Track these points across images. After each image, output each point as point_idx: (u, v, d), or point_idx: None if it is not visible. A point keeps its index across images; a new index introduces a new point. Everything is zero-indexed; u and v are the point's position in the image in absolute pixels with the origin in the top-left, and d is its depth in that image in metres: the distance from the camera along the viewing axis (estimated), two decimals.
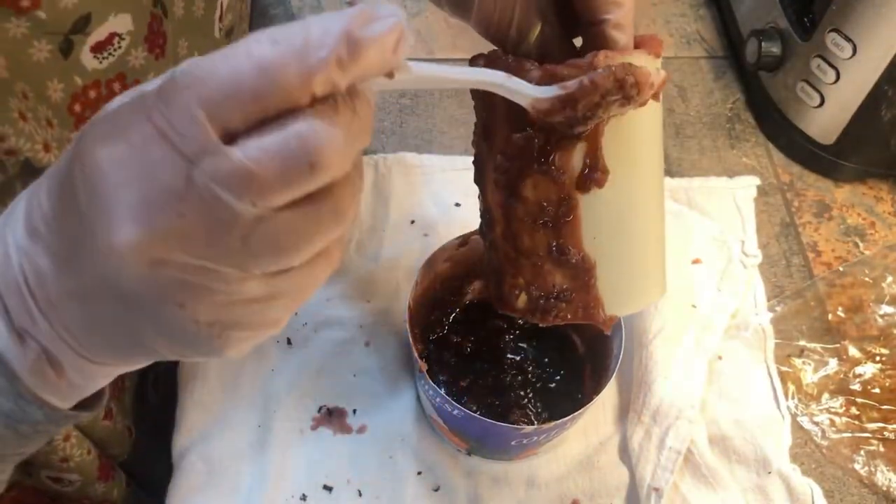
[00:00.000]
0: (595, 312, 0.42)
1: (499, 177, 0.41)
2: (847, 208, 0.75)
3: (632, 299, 0.43)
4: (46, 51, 0.39)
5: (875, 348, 0.66)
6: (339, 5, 0.86)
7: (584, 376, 0.60)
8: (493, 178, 0.42)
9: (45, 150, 0.39)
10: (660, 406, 0.58)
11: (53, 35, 0.39)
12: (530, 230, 0.41)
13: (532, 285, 0.42)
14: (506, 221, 0.42)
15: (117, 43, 0.43)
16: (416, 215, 0.69)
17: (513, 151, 0.40)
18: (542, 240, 0.41)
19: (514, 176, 0.40)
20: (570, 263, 0.41)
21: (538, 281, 0.42)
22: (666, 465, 0.57)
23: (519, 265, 0.42)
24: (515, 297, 0.43)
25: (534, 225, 0.41)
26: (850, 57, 0.68)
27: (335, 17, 0.25)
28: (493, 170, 0.41)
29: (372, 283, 0.65)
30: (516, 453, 0.57)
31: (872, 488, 0.60)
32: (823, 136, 0.75)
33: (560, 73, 0.37)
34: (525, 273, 0.42)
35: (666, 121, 0.80)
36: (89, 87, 0.43)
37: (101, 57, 0.42)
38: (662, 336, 0.61)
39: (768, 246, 0.72)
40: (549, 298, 0.42)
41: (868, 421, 0.62)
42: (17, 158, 0.38)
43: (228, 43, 0.62)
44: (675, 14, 0.89)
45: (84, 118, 0.44)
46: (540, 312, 0.42)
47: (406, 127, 0.77)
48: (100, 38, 0.41)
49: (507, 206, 0.41)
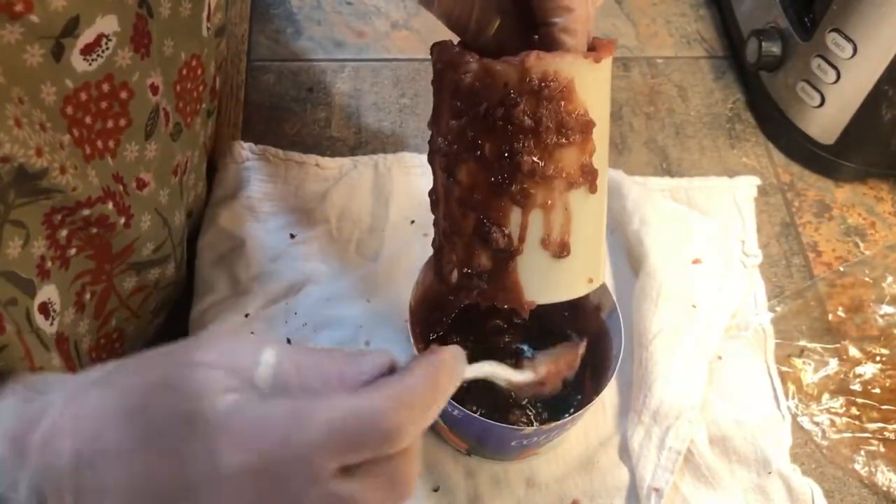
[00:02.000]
0: (514, 296, 0.45)
1: (440, 158, 0.44)
2: (847, 208, 0.75)
3: (556, 289, 0.45)
4: (39, 55, 0.39)
5: (875, 348, 0.66)
6: (339, 6, 0.86)
7: (584, 377, 0.59)
8: (437, 159, 0.45)
9: (38, 154, 0.40)
10: (660, 406, 0.58)
11: (45, 39, 0.39)
12: (463, 212, 0.44)
13: (463, 263, 0.45)
14: (446, 201, 0.45)
15: (105, 44, 0.43)
16: (416, 215, 0.69)
17: (451, 137, 0.43)
18: (471, 222, 0.43)
19: (453, 160, 0.43)
20: (495, 246, 0.43)
21: (467, 259, 0.44)
22: (666, 465, 0.57)
23: (453, 243, 0.45)
24: (449, 273, 0.46)
25: (466, 207, 0.43)
26: (850, 57, 0.68)
27: (431, 377, 0.35)
28: (436, 151, 0.44)
29: (372, 283, 0.65)
30: (516, 453, 0.57)
31: (873, 488, 0.60)
32: (824, 136, 0.75)
33: (494, 67, 0.40)
34: (458, 250, 0.45)
35: (666, 121, 0.80)
36: (80, 89, 0.43)
37: (90, 59, 0.43)
38: (662, 336, 0.61)
39: (768, 246, 0.71)
40: (473, 277, 0.45)
41: (868, 421, 0.62)
42: (12, 165, 0.38)
43: (217, 43, 0.63)
44: (675, 14, 0.89)
45: (76, 120, 0.44)
46: (465, 290, 0.45)
47: (406, 127, 0.77)
48: (88, 40, 0.42)
49: (447, 187, 0.44)
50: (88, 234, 0.48)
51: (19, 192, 0.40)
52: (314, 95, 0.79)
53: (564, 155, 0.42)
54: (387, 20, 0.86)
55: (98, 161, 0.47)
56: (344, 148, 0.75)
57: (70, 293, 0.49)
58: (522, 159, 0.41)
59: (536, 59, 0.40)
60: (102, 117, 0.46)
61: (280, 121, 0.76)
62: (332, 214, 0.69)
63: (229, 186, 0.69)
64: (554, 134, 0.41)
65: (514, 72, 0.40)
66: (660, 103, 0.81)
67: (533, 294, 0.45)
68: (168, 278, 0.59)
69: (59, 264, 0.47)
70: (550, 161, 0.41)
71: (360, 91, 0.79)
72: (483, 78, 0.41)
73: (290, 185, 0.70)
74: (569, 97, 0.41)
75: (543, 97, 0.40)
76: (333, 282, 0.65)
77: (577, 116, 0.41)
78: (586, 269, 0.45)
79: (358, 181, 0.71)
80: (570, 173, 0.42)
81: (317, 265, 0.66)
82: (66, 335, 0.49)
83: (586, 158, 0.42)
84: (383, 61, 0.82)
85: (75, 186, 0.43)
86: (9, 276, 0.42)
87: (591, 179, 0.43)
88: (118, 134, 0.48)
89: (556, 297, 0.45)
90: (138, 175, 0.52)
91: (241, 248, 0.66)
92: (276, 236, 0.67)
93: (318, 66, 0.81)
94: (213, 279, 0.64)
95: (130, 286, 0.56)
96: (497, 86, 0.41)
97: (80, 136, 0.45)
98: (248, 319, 0.62)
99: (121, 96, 0.47)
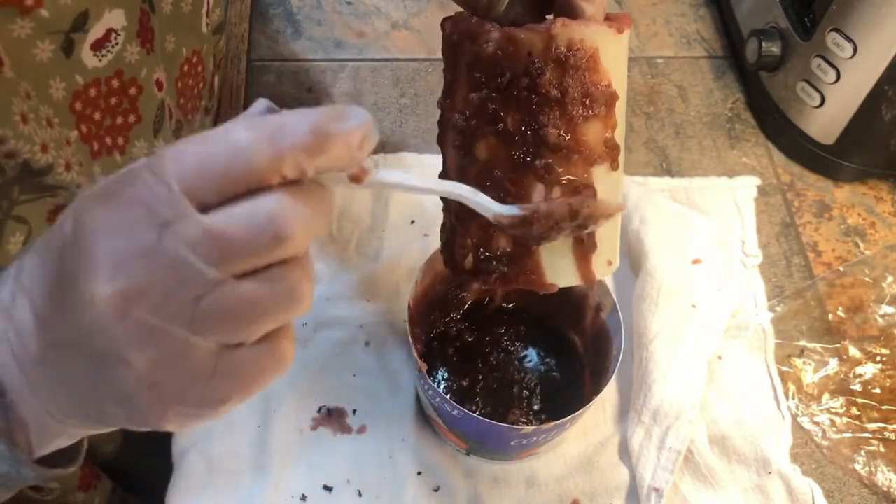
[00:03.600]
0: (535, 279, 0.43)
1: (456, 136, 0.42)
2: (847, 208, 0.75)
3: (576, 272, 0.43)
4: (49, 51, 0.39)
5: (875, 348, 0.66)
6: (339, 6, 0.86)
7: (584, 377, 0.60)
8: (451, 137, 0.43)
9: (43, 150, 0.40)
10: (660, 406, 0.58)
11: (55, 34, 0.39)
12: (481, 190, 0.41)
13: (479, 246, 0.43)
14: (460, 180, 0.42)
15: (114, 39, 0.43)
16: (416, 215, 0.69)
17: (470, 111, 0.41)
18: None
19: (470, 135, 0.41)
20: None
21: (485, 242, 0.42)
22: (666, 465, 0.57)
23: (468, 226, 0.43)
24: (462, 258, 0.44)
25: (484, 186, 0.41)
26: (850, 57, 0.68)
27: (309, 112, 0.28)
28: (451, 128, 0.42)
29: (372, 283, 0.65)
30: (516, 453, 0.57)
31: (873, 488, 0.60)
32: (823, 136, 0.75)
33: (518, 35, 0.39)
34: (473, 234, 0.43)
35: (666, 121, 0.80)
36: (90, 84, 0.43)
37: (99, 55, 0.43)
38: (662, 336, 0.61)
39: (768, 246, 0.71)
40: (492, 261, 0.43)
41: (868, 421, 0.62)
42: (17, 160, 0.38)
43: (216, 40, 0.63)
44: (675, 14, 0.89)
45: (85, 116, 0.44)
46: (483, 274, 0.43)
47: (406, 127, 0.77)
48: (98, 35, 0.42)
49: (462, 166, 0.42)
50: None
51: (24, 188, 0.40)
52: (314, 95, 0.79)
53: (589, 128, 0.40)
54: (387, 20, 0.86)
55: (105, 158, 0.47)
56: None
57: None
58: (548, 132, 0.39)
59: (563, 26, 0.38)
60: (112, 113, 0.46)
61: None
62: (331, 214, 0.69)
63: None
64: (580, 105, 0.39)
65: (539, 40, 0.38)
66: (660, 103, 0.81)
67: (554, 276, 0.43)
68: None
69: None
70: (575, 134, 0.40)
71: (360, 91, 0.79)
72: (506, 47, 0.39)
73: None
74: (594, 67, 0.39)
75: (570, 66, 0.39)
76: (333, 282, 0.65)
77: (602, 88, 0.40)
78: (607, 251, 0.44)
79: None
80: (594, 148, 0.41)
81: (317, 265, 0.66)
82: None
83: (609, 133, 0.41)
84: (383, 61, 0.82)
85: (80, 183, 0.43)
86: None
87: (614, 155, 0.42)
88: (127, 130, 0.48)
89: (578, 279, 0.43)
90: None
91: None
92: None
93: (318, 66, 0.81)
94: None
95: None
96: (520, 55, 0.39)
97: (89, 132, 0.45)
98: None
99: (130, 92, 0.47)
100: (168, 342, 0.27)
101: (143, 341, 0.27)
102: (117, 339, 0.27)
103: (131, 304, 0.27)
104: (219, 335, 0.28)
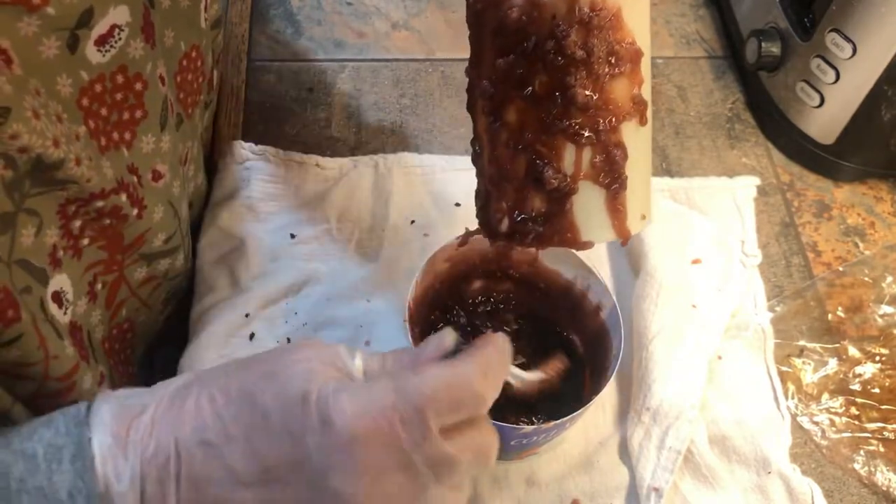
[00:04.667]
0: (571, 237, 0.43)
1: (485, 102, 0.43)
2: (847, 208, 0.75)
3: (612, 227, 0.44)
4: (55, 47, 0.40)
5: (875, 348, 0.66)
6: (339, 6, 0.86)
7: (584, 376, 0.60)
8: (480, 104, 0.43)
9: (55, 145, 0.40)
10: (660, 406, 0.58)
11: (61, 31, 0.39)
12: (513, 154, 0.43)
13: (514, 209, 0.44)
14: (491, 146, 0.44)
15: (118, 35, 0.43)
16: (416, 215, 0.69)
17: (497, 77, 0.42)
18: (522, 163, 0.42)
19: (499, 101, 0.42)
20: (549, 188, 0.42)
21: (519, 204, 0.43)
22: (666, 465, 0.57)
23: (503, 189, 0.44)
24: (498, 221, 0.45)
25: (516, 149, 0.42)
26: (849, 57, 0.68)
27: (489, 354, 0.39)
28: (480, 95, 0.43)
29: (372, 283, 0.65)
30: (516, 453, 0.57)
31: (872, 488, 0.60)
32: (823, 136, 0.75)
33: (541, 0, 0.39)
34: (507, 196, 0.44)
35: (666, 121, 0.80)
36: (95, 80, 0.43)
37: (103, 50, 0.43)
38: (662, 336, 0.61)
39: (768, 246, 0.72)
40: (528, 222, 0.43)
41: (868, 421, 0.62)
42: (30, 155, 0.39)
43: (214, 35, 0.63)
44: (675, 14, 0.89)
45: (92, 111, 0.44)
46: (519, 235, 0.44)
47: (406, 127, 0.77)
48: (102, 31, 0.42)
49: (492, 131, 0.43)
50: (101, 225, 0.48)
51: (35, 181, 0.41)
52: (314, 95, 0.79)
53: (616, 86, 0.41)
54: (387, 20, 0.86)
55: (113, 152, 0.47)
56: (344, 148, 0.75)
57: (82, 283, 0.50)
58: (576, 92, 0.40)
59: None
60: (118, 109, 0.46)
61: (280, 121, 0.76)
62: (332, 214, 0.69)
63: (230, 186, 0.69)
64: (605, 64, 0.40)
65: (562, 2, 0.39)
66: (659, 103, 0.81)
67: (590, 234, 0.43)
68: (177, 269, 0.60)
69: (72, 254, 0.48)
70: (603, 93, 0.40)
71: (360, 91, 0.80)
72: (530, 12, 0.40)
73: (290, 186, 0.70)
74: (618, 25, 0.40)
75: (594, 26, 0.39)
76: (333, 282, 0.65)
77: (627, 45, 0.40)
78: (640, 205, 0.44)
79: (358, 181, 0.71)
80: (622, 105, 0.41)
81: (317, 265, 0.66)
82: (79, 324, 0.50)
83: (636, 89, 0.42)
84: (383, 61, 0.82)
85: (90, 178, 0.44)
86: (23, 264, 0.42)
87: (642, 111, 0.42)
88: (134, 125, 0.48)
89: (613, 234, 0.44)
90: (154, 167, 0.52)
91: (242, 248, 0.66)
92: (276, 236, 0.67)
93: (319, 66, 0.81)
94: (214, 279, 0.64)
95: (141, 276, 0.56)
96: (545, 18, 0.40)
97: (96, 127, 0.45)
98: (249, 319, 0.62)
99: (135, 87, 0.47)
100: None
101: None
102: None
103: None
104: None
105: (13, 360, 0.41)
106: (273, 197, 0.70)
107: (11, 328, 0.40)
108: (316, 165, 0.72)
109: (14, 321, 0.40)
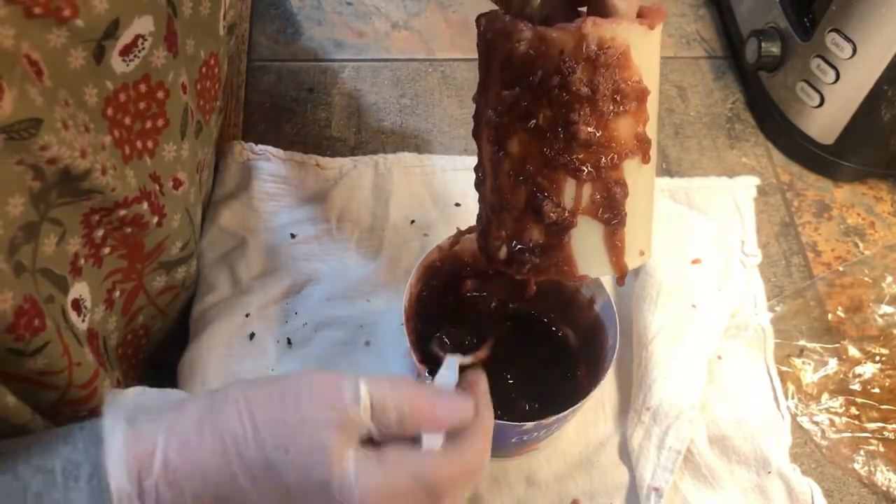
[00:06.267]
0: (567, 270, 0.44)
1: (490, 131, 0.43)
2: (847, 208, 0.75)
3: (609, 262, 0.44)
4: (82, 58, 0.40)
5: (875, 348, 0.66)
6: (339, 6, 0.86)
7: (580, 371, 0.60)
8: (485, 133, 0.44)
9: (82, 156, 0.40)
10: (660, 406, 0.59)
11: (88, 42, 0.40)
12: (514, 185, 0.43)
13: (513, 238, 0.44)
14: (494, 175, 0.44)
15: (141, 44, 0.44)
16: (416, 215, 0.69)
17: (502, 107, 0.42)
18: (523, 195, 0.43)
19: (503, 131, 0.42)
20: (547, 220, 0.42)
21: (518, 234, 0.44)
22: (666, 465, 0.57)
23: (502, 218, 0.44)
24: (497, 249, 0.45)
25: (517, 180, 0.42)
26: (849, 57, 0.68)
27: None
28: (485, 124, 0.44)
29: (372, 283, 0.65)
30: (516, 449, 0.57)
31: (872, 488, 0.60)
32: (823, 136, 0.75)
33: (549, 35, 0.39)
34: (507, 226, 0.44)
35: (666, 121, 0.80)
36: (119, 90, 0.44)
37: (127, 60, 0.43)
38: (662, 336, 0.61)
39: (768, 246, 0.72)
40: (525, 252, 0.44)
41: (868, 421, 0.62)
42: (58, 166, 0.39)
43: (230, 40, 0.63)
44: (675, 14, 0.89)
45: (116, 121, 0.45)
46: (516, 264, 0.44)
47: (406, 127, 0.77)
48: (126, 41, 0.42)
49: (495, 161, 0.43)
50: (123, 234, 0.49)
51: (61, 192, 0.41)
52: (314, 95, 0.79)
53: (620, 124, 0.41)
54: (387, 20, 0.86)
55: (136, 161, 0.47)
56: (344, 148, 0.75)
57: (101, 291, 0.50)
58: (578, 129, 0.40)
59: (593, 25, 0.39)
60: (141, 118, 0.47)
61: (280, 121, 0.76)
62: (332, 214, 0.69)
63: (230, 186, 0.69)
64: (610, 102, 0.40)
65: (570, 38, 0.39)
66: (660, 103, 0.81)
67: (587, 268, 0.44)
68: (192, 276, 0.61)
69: (93, 262, 0.48)
70: (606, 130, 0.41)
71: (360, 91, 0.80)
72: (538, 46, 0.40)
73: (290, 185, 0.70)
74: (625, 64, 0.40)
75: (600, 64, 0.39)
76: (333, 282, 0.65)
77: (633, 84, 0.40)
78: (639, 242, 0.45)
79: (358, 181, 0.71)
80: (625, 143, 0.41)
81: (317, 265, 0.66)
82: (95, 331, 0.50)
83: (640, 127, 0.42)
84: (383, 61, 0.82)
85: (114, 187, 0.44)
86: (44, 272, 0.42)
87: (645, 149, 0.42)
88: (156, 134, 0.49)
89: (609, 269, 0.44)
90: (175, 175, 0.52)
91: (242, 248, 0.66)
92: (276, 236, 0.67)
93: (319, 66, 0.81)
94: (214, 279, 0.64)
95: (160, 286, 0.57)
96: (552, 53, 0.40)
97: (121, 136, 0.45)
98: (249, 319, 0.62)
99: (158, 96, 0.47)
100: None
101: None
102: None
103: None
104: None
105: (39, 368, 0.41)
106: (273, 197, 0.70)
107: (38, 337, 0.40)
108: (316, 165, 0.72)
109: (40, 330, 0.40)
